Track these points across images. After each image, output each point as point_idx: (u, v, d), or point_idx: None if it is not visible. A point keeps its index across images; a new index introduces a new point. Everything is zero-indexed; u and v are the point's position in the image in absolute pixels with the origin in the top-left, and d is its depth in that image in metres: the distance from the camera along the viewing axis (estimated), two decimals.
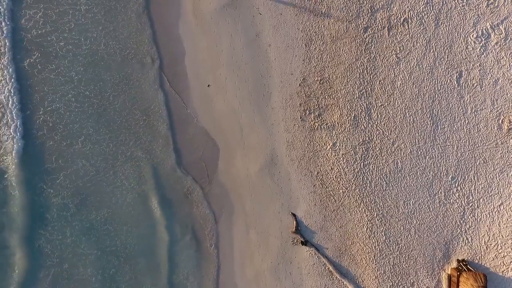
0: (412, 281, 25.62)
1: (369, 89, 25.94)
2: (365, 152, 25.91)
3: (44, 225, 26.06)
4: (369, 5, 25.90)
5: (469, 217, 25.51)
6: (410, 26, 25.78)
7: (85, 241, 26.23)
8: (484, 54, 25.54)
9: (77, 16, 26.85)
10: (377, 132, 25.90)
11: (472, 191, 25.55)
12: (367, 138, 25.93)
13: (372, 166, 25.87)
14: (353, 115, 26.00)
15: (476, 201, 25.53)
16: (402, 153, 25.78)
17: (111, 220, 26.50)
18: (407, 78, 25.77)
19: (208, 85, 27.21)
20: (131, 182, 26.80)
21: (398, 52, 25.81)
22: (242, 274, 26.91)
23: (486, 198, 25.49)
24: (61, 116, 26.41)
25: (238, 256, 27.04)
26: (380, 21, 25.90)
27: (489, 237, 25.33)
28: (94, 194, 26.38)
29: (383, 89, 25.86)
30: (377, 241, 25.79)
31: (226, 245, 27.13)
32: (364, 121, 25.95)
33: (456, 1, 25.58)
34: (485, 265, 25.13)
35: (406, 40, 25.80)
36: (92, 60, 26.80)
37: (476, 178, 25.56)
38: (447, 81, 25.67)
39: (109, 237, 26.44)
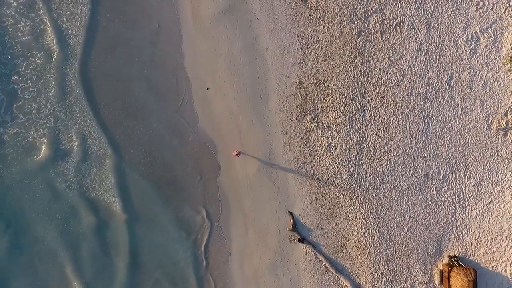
0: (405, 276, 26.38)
1: (363, 91, 26.69)
2: (359, 152, 26.65)
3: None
4: (363, 10, 26.66)
5: (460, 214, 26.27)
6: (402, 30, 26.53)
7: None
8: (474, 57, 26.28)
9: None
10: (371, 133, 26.64)
11: (463, 189, 26.30)
12: (361, 139, 26.69)
13: (366, 166, 26.63)
14: (347, 116, 26.75)
15: (466, 199, 26.28)
16: (395, 153, 26.55)
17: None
18: (400, 80, 26.53)
19: (207, 88, 27.90)
20: None
21: (390, 55, 26.58)
22: (241, 271, 27.56)
23: (476, 196, 26.23)
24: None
25: (237, 254, 27.71)
26: (374, 25, 26.65)
27: (479, 233, 26.10)
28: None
29: (377, 91, 26.62)
30: (371, 238, 26.54)
31: (226, 244, 27.83)
32: (358, 122, 26.71)
33: (446, 6, 26.33)
34: (476, 261, 25.90)
35: (399, 44, 26.56)
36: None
37: (466, 177, 26.31)
38: (438, 83, 26.42)
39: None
